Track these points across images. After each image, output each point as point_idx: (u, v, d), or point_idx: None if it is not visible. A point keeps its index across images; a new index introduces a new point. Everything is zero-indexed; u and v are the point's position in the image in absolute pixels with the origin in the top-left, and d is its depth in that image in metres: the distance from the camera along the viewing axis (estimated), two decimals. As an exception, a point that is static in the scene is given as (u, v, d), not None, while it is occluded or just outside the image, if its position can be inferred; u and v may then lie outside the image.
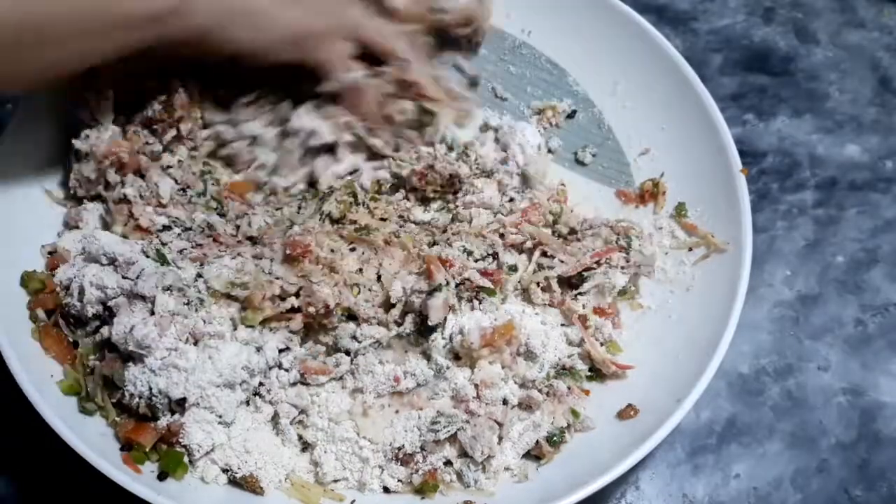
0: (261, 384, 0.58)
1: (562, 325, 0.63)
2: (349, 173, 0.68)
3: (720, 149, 0.67)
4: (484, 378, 0.58)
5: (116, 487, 0.52)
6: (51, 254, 0.62)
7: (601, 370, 0.62)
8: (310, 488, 0.57)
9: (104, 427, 0.57)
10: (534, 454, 0.59)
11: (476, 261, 0.62)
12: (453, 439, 0.58)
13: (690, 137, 0.69)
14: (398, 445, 0.57)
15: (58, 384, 0.57)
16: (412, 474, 0.57)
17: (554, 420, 0.59)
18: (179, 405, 0.56)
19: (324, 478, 0.57)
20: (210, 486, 0.56)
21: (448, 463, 0.58)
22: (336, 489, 0.57)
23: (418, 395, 0.58)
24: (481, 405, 0.58)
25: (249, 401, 0.58)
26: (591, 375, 0.62)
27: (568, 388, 0.60)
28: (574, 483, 0.54)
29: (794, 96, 0.82)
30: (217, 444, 0.56)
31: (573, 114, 0.74)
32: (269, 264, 0.59)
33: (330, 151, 0.68)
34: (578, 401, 0.60)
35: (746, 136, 0.79)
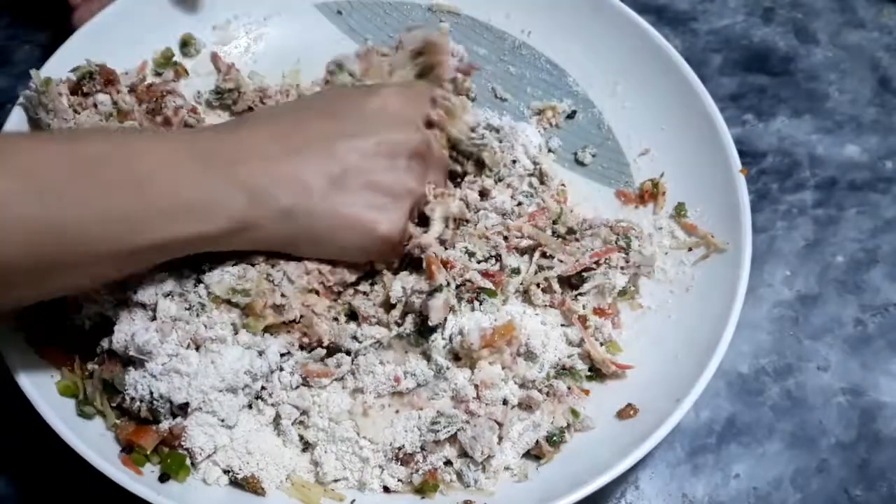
0: (262, 387, 0.57)
1: (562, 326, 0.63)
2: None
3: (720, 149, 0.66)
4: (484, 378, 0.58)
5: (117, 488, 0.52)
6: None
7: (601, 370, 0.62)
8: (310, 488, 0.57)
9: (103, 429, 0.56)
10: (534, 454, 0.59)
11: (478, 262, 0.62)
12: (453, 439, 0.58)
13: (690, 137, 0.69)
14: (398, 445, 0.57)
15: (56, 384, 0.57)
16: (412, 474, 0.57)
17: (554, 420, 0.59)
18: (181, 409, 0.55)
19: (324, 477, 0.57)
20: (211, 488, 0.56)
21: (448, 463, 0.58)
22: (336, 489, 0.57)
23: (418, 396, 0.58)
24: (481, 405, 0.58)
25: (252, 404, 0.58)
26: (591, 375, 0.62)
27: (568, 388, 0.60)
28: (574, 482, 0.54)
29: (794, 96, 0.82)
30: (219, 447, 0.56)
31: (573, 114, 0.74)
32: (281, 277, 0.58)
33: None
34: (578, 401, 0.60)
35: (746, 137, 0.79)
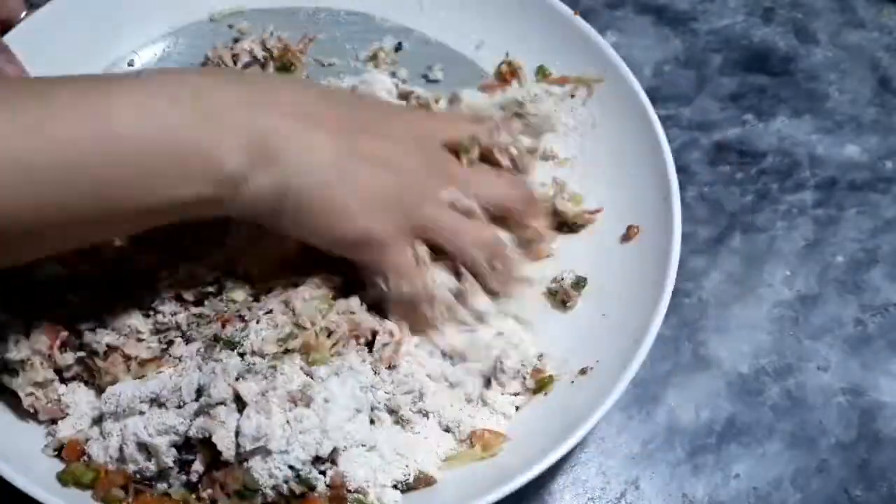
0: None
1: None
2: None
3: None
4: None
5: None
6: (60, 449, 0.55)
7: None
8: (465, 454, 0.56)
9: None
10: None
11: None
12: None
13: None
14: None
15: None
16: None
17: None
18: (330, 459, 0.53)
19: (462, 434, 0.57)
20: None
21: None
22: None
23: None
24: None
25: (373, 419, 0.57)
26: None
27: None
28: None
29: (794, 96, 0.82)
30: (378, 469, 0.54)
31: (399, 46, 0.74)
32: (302, 302, 0.57)
33: None
34: None
35: (746, 137, 0.79)
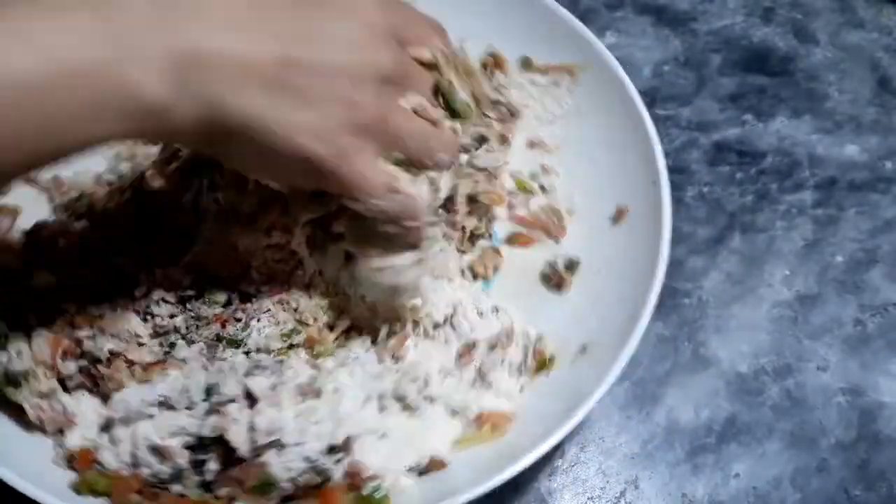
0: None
1: None
2: None
3: None
4: None
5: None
6: (71, 459, 0.54)
7: None
8: (473, 435, 0.56)
9: None
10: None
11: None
12: None
13: None
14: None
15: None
16: None
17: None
18: (344, 448, 0.53)
19: (469, 413, 0.57)
20: (407, 494, 0.54)
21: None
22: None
23: None
24: None
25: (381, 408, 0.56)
26: None
27: None
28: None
29: (794, 96, 0.82)
30: (391, 455, 0.54)
31: None
32: (297, 299, 0.57)
33: None
34: None
35: (746, 137, 0.79)
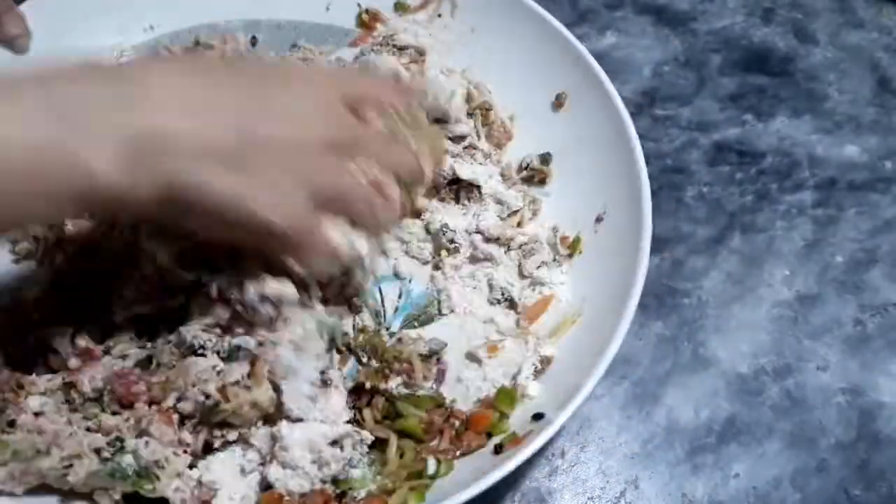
0: None
1: None
2: None
3: None
4: None
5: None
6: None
7: None
8: (562, 322, 0.61)
9: None
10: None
11: None
12: None
13: None
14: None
15: None
16: None
17: None
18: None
19: None
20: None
21: None
22: None
23: None
24: None
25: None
26: None
27: None
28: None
29: (794, 97, 0.82)
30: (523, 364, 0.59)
31: (254, 39, 0.76)
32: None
33: None
34: None
35: (746, 137, 0.79)
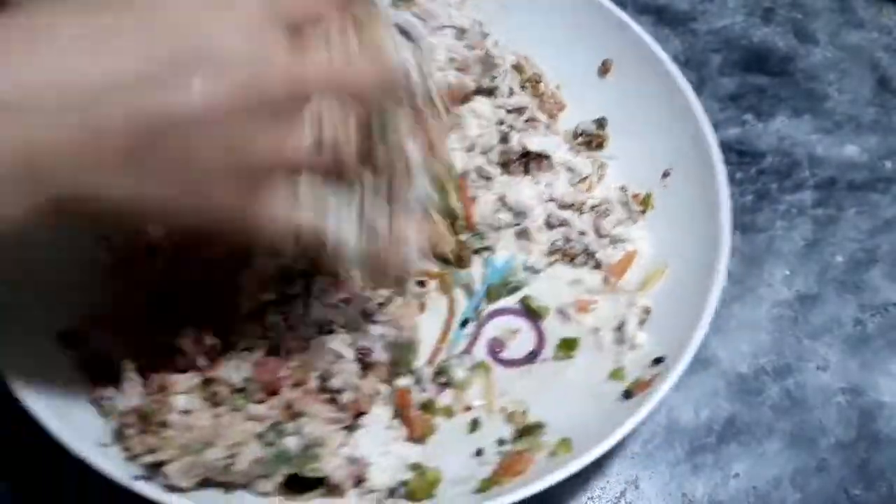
0: None
1: None
2: None
3: None
4: None
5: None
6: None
7: None
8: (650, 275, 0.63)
9: None
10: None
11: None
12: None
13: None
14: None
15: None
16: None
17: None
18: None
19: None
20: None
21: None
22: None
23: None
24: None
25: None
26: None
27: None
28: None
29: (794, 96, 0.82)
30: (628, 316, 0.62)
31: None
32: None
33: None
34: None
35: (745, 137, 0.79)
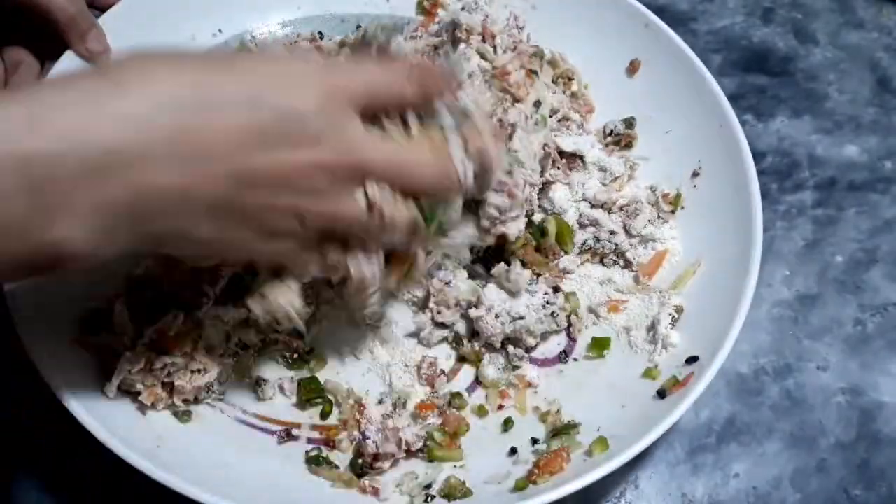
0: None
1: None
2: None
3: None
4: None
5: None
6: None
7: None
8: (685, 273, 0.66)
9: None
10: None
11: None
12: None
13: None
14: None
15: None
16: None
17: None
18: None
19: None
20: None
21: None
22: None
23: None
24: None
25: None
26: None
27: None
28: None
29: (794, 97, 0.82)
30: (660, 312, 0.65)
31: (321, 34, 0.75)
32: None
33: None
34: None
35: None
